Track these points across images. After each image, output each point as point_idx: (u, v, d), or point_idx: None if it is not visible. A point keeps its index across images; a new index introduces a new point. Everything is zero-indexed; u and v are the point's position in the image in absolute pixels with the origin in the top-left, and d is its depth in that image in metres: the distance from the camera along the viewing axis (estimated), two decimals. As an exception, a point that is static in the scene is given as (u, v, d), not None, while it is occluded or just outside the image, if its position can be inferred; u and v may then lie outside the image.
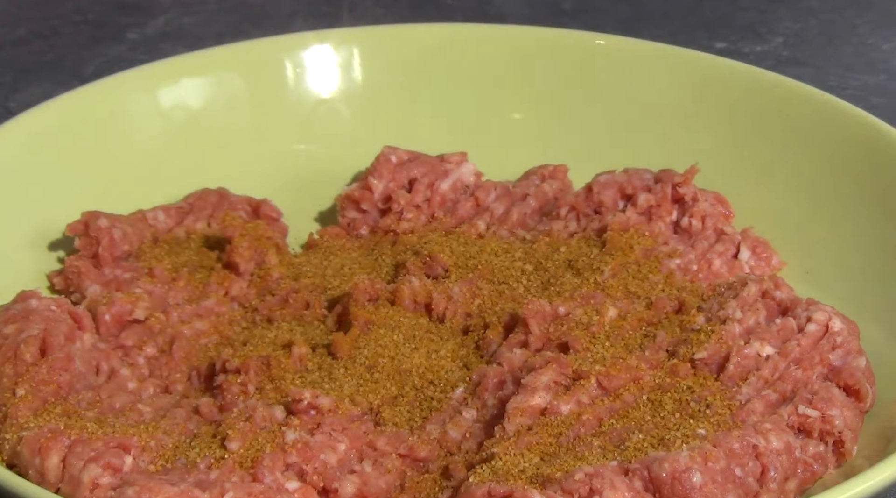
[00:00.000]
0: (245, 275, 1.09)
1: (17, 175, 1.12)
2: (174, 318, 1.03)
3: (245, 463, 0.86)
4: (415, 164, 1.18)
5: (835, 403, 0.90)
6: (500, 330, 1.00)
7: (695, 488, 0.82)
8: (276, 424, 0.90)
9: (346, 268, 1.10)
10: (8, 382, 0.92)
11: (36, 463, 0.85)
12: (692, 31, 1.71)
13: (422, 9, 1.77)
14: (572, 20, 1.72)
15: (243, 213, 1.15)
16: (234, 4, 1.80)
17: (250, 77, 1.26)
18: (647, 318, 0.99)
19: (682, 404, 0.91)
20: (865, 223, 1.08)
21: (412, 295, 1.03)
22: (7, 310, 0.99)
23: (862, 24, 1.73)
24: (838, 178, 1.12)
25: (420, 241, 1.11)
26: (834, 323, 0.95)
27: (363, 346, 0.98)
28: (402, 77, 1.28)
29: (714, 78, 1.22)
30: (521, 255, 1.09)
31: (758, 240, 1.11)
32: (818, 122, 1.15)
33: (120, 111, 1.20)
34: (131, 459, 0.86)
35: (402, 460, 0.89)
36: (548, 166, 1.19)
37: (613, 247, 1.08)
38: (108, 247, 1.07)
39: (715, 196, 1.13)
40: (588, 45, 1.28)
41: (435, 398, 0.96)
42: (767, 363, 0.93)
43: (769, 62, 1.60)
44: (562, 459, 0.86)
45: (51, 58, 1.64)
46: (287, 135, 1.26)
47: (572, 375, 0.93)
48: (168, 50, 1.56)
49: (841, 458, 0.90)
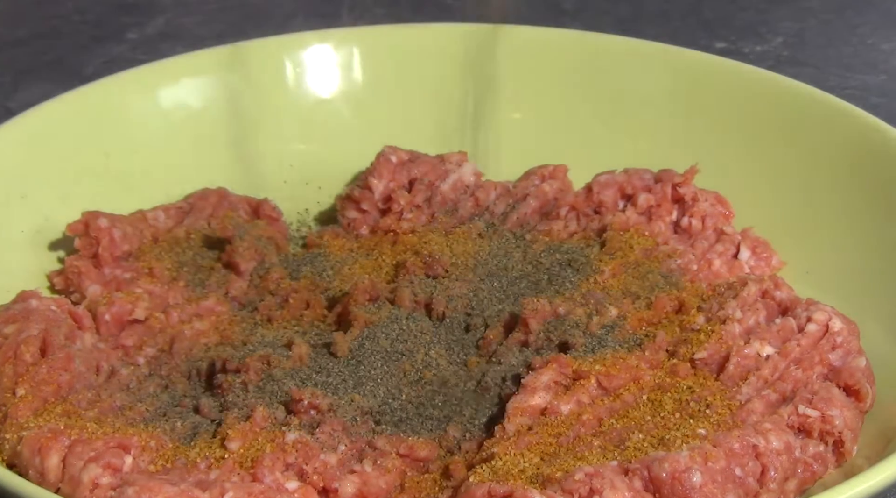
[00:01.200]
0: (245, 275, 1.09)
1: (17, 175, 1.12)
2: (174, 318, 1.03)
3: (245, 463, 0.86)
4: (415, 164, 1.18)
5: (835, 403, 0.90)
6: (500, 330, 1.01)
7: (695, 488, 0.82)
8: (276, 424, 0.90)
9: (346, 268, 1.10)
10: (8, 382, 0.92)
11: (36, 463, 0.85)
12: (692, 31, 1.71)
13: (422, 9, 1.77)
14: (572, 20, 1.72)
15: (243, 213, 1.15)
16: (234, 4, 1.80)
17: (250, 77, 1.26)
18: (647, 318, 0.99)
19: (682, 404, 0.91)
20: (865, 223, 1.08)
21: (412, 295, 1.03)
22: (7, 310, 0.99)
23: (862, 24, 1.73)
24: (838, 178, 1.12)
25: (420, 241, 1.11)
26: (834, 323, 0.95)
27: (363, 345, 0.98)
28: (402, 77, 1.28)
29: (714, 78, 1.22)
30: (521, 255, 1.09)
31: (758, 240, 1.11)
32: (818, 122, 1.15)
33: (120, 111, 1.20)
34: (131, 459, 0.86)
35: (402, 460, 0.89)
36: (548, 166, 1.19)
37: (613, 247, 1.08)
38: (108, 247, 1.07)
39: (715, 196, 1.13)
40: (588, 44, 1.28)
41: (435, 398, 0.96)
42: (767, 363, 0.93)
43: (769, 62, 1.60)
44: (562, 458, 0.86)
45: (51, 58, 1.64)
46: (287, 135, 1.26)
47: (572, 375, 0.93)
48: (168, 50, 1.56)
49: (841, 458, 0.90)
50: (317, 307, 1.05)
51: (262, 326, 1.03)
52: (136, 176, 1.19)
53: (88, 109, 1.18)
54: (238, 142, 1.24)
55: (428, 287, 1.04)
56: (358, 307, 1.01)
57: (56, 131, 1.16)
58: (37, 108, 1.17)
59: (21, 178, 1.12)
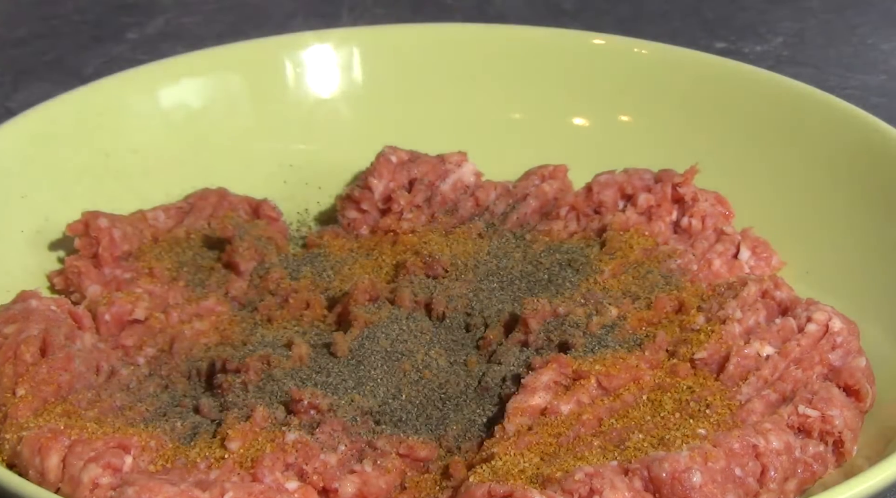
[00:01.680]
0: (245, 275, 1.09)
1: (17, 175, 1.12)
2: (174, 318, 1.03)
3: (245, 463, 0.86)
4: (415, 164, 1.18)
5: (835, 403, 0.90)
6: (500, 330, 1.01)
7: (695, 488, 0.82)
8: (276, 424, 0.90)
9: (346, 268, 1.10)
10: (8, 382, 0.92)
11: (36, 463, 0.85)
12: (692, 31, 1.71)
13: (422, 9, 1.77)
14: (572, 20, 1.72)
15: (243, 213, 1.15)
16: (234, 4, 1.80)
17: (250, 77, 1.26)
18: (647, 318, 0.99)
19: (682, 404, 0.91)
20: (866, 223, 1.08)
21: (412, 295, 1.03)
22: (7, 310, 0.99)
23: (862, 24, 1.73)
24: (838, 178, 1.12)
25: (420, 242, 1.11)
26: (834, 323, 0.95)
27: (363, 345, 0.98)
28: (402, 77, 1.28)
29: (714, 78, 1.22)
30: (521, 255, 1.09)
31: (758, 240, 1.11)
32: (818, 122, 1.15)
33: (120, 111, 1.20)
34: (131, 459, 0.86)
35: (402, 460, 0.89)
36: (548, 166, 1.19)
37: (613, 247, 1.08)
38: (108, 247, 1.07)
39: (715, 196, 1.13)
40: (588, 45, 1.28)
41: (435, 398, 0.96)
42: (767, 363, 0.93)
43: (769, 62, 1.60)
44: (562, 458, 0.86)
45: (51, 58, 1.64)
46: (287, 135, 1.26)
47: (572, 375, 0.93)
48: (168, 50, 1.56)
49: (841, 458, 0.90)
50: (317, 307, 1.05)
51: (262, 326, 1.03)
52: (136, 176, 1.19)
53: (88, 109, 1.19)
54: (238, 142, 1.24)
55: (428, 287, 1.04)
56: (358, 307, 1.01)
57: (56, 131, 1.16)
58: (37, 108, 1.17)
59: (21, 178, 1.12)
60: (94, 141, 1.18)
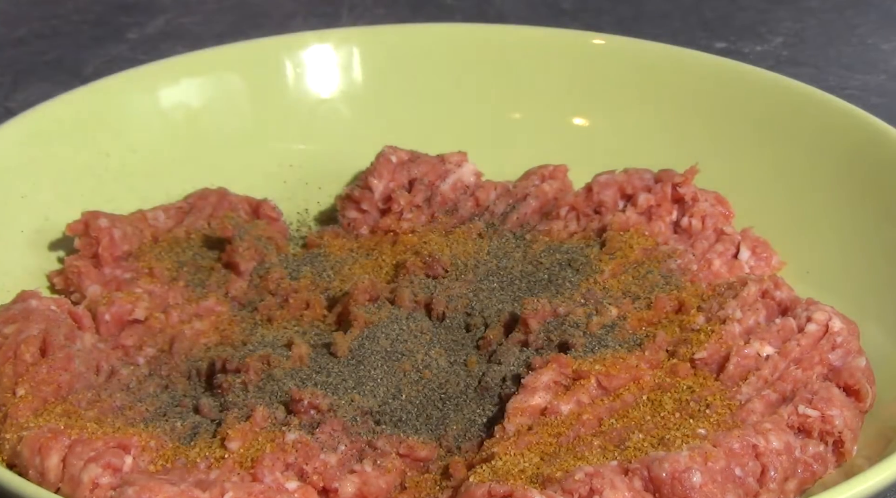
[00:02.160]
0: (245, 275, 1.09)
1: (17, 175, 1.12)
2: (174, 318, 1.03)
3: (245, 463, 0.86)
4: (415, 164, 1.18)
5: (835, 403, 0.90)
6: (500, 330, 1.01)
7: (695, 488, 0.82)
8: (276, 424, 0.90)
9: (346, 268, 1.10)
10: (8, 382, 0.92)
11: (36, 463, 0.85)
12: (692, 31, 1.71)
13: (422, 9, 1.77)
14: (572, 20, 1.72)
15: (243, 213, 1.15)
16: (234, 4, 1.80)
17: (250, 77, 1.26)
18: (647, 318, 0.99)
19: (682, 404, 0.91)
20: (866, 223, 1.08)
21: (412, 295, 1.03)
22: (7, 310, 0.99)
23: (862, 24, 1.73)
24: (838, 178, 1.12)
25: (420, 241, 1.11)
26: (834, 323, 0.95)
27: (363, 345, 0.98)
28: (402, 77, 1.28)
29: (714, 78, 1.22)
30: (521, 255, 1.09)
31: (758, 240, 1.11)
32: (818, 122, 1.15)
33: (120, 111, 1.20)
34: (131, 459, 0.86)
35: (402, 460, 0.89)
36: (548, 166, 1.19)
37: (613, 247, 1.08)
38: (108, 247, 1.07)
39: (715, 196, 1.13)
40: (588, 45, 1.28)
41: (435, 398, 0.96)
42: (767, 363, 0.93)
43: (769, 62, 1.60)
44: (562, 458, 0.86)
45: (51, 58, 1.64)
46: (287, 135, 1.26)
47: (572, 375, 0.93)
48: (168, 50, 1.56)
49: (841, 458, 0.90)
50: (317, 307, 1.05)
51: (262, 326, 1.03)
52: (136, 176, 1.19)
53: (88, 109, 1.19)
54: (238, 142, 1.24)
55: (428, 287, 1.04)
56: (358, 307, 1.01)
57: (56, 131, 1.16)
58: (37, 108, 1.17)
59: (21, 178, 1.12)
60: (94, 141, 1.18)
